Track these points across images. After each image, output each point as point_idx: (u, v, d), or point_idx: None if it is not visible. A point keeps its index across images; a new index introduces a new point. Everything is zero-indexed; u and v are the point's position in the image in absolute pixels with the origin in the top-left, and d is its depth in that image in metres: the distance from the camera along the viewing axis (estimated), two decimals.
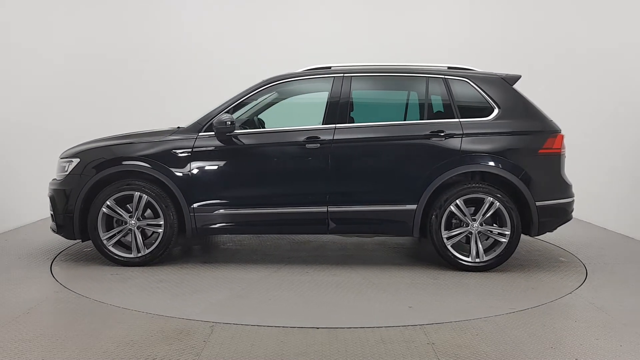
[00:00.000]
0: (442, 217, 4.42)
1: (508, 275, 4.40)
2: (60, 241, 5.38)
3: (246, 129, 4.72)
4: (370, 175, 4.54)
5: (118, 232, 4.53)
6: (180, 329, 3.18)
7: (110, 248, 4.52)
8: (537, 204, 4.40)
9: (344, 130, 4.51)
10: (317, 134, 4.50)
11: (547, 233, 4.65)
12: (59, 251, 5.04)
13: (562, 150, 4.53)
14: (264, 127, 4.97)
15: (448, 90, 4.59)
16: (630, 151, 6.01)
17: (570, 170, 4.73)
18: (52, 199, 4.66)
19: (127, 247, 4.59)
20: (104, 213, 4.48)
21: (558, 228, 4.63)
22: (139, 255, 4.50)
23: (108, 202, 4.47)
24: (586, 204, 5.41)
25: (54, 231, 4.71)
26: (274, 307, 3.62)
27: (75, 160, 4.60)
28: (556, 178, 4.52)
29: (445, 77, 4.63)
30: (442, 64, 4.84)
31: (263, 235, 5.71)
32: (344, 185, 4.50)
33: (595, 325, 3.33)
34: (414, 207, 4.43)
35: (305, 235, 5.67)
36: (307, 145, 4.47)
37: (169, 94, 7.80)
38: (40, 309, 3.50)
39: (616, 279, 4.35)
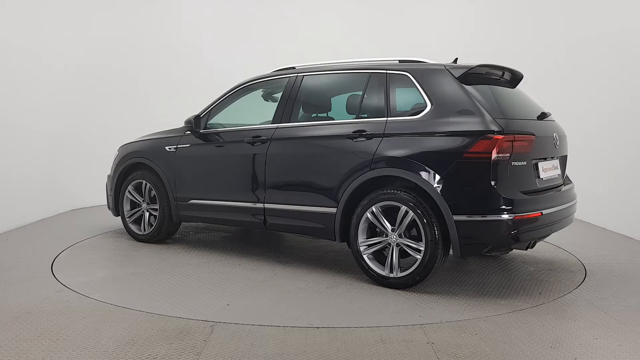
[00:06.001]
0: (358, 224, 4.08)
1: (507, 274, 4.41)
2: (60, 241, 5.41)
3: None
4: (297, 174, 4.45)
5: (134, 213, 5.53)
6: (181, 329, 3.19)
7: (130, 225, 5.54)
8: (456, 217, 3.68)
9: (282, 130, 4.57)
10: (260, 133, 4.66)
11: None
12: (60, 251, 5.05)
13: (495, 156, 3.59)
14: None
15: (386, 86, 4.20)
16: (631, 151, 6.00)
17: (571, 171, 4.72)
18: (106, 184, 5.87)
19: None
20: (127, 197, 5.53)
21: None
22: (144, 233, 5.44)
23: (129, 188, 5.50)
24: (586, 204, 5.41)
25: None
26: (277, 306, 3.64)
27: (117, 153, 5.77)
28: (486, 189, 3.62)
29: (387, 72, 4.24)
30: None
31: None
32: (275, 184, 4.55)
33: (595, 325, 3.34)
34: (333, 210, 4.23)
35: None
36: (254, 144, 4.66)
37: (189, 97, 7.83)
38: (41, 309, 3.51)
39: (616, 279, 4.36)
